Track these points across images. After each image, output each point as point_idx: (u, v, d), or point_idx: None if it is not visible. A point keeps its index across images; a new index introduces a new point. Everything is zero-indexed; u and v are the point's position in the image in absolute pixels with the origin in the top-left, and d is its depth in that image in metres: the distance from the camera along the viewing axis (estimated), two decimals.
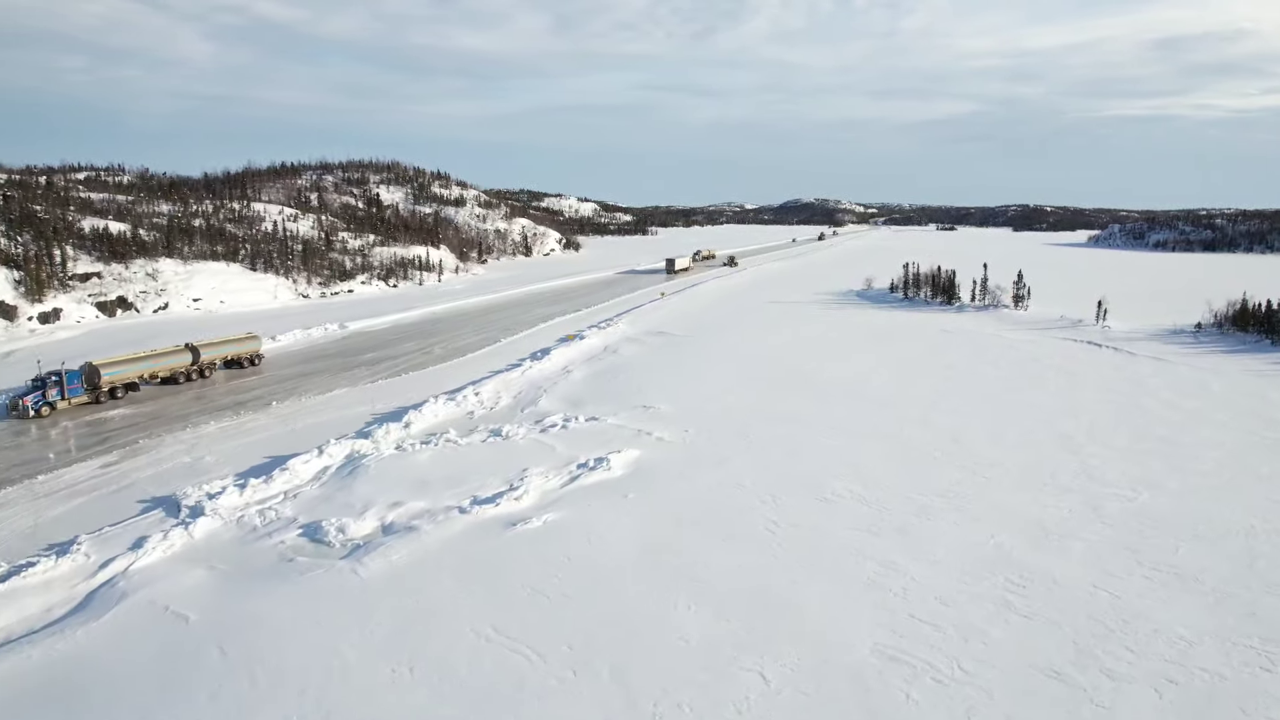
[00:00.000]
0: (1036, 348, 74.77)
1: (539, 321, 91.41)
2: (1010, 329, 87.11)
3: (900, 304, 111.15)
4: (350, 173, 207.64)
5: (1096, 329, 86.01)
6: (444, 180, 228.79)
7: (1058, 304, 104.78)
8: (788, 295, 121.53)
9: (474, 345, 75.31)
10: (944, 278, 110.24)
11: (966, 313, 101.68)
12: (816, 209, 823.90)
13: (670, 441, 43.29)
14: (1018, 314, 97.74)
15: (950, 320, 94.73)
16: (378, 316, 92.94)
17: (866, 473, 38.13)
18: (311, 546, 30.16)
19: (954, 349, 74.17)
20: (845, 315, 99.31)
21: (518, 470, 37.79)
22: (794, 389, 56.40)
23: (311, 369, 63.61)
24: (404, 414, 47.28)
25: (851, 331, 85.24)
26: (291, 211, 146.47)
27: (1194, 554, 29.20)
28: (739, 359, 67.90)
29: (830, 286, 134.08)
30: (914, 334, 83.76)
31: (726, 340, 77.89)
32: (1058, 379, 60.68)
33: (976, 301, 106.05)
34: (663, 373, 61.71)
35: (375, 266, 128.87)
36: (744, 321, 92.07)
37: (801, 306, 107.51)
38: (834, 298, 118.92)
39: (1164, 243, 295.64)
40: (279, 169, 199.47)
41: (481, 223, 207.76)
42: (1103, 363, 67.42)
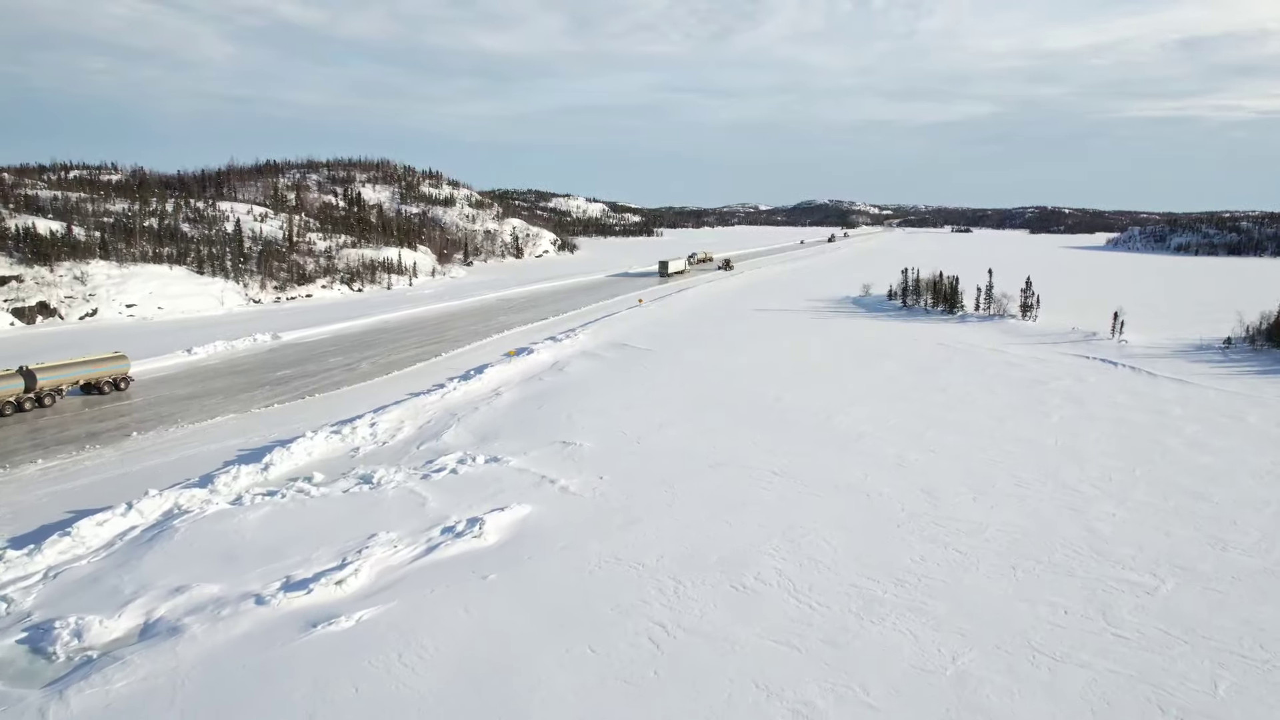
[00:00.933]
0: (1042, 367, 65.91)
1: (496, 331, 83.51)
2: (1015, 343, 78.21)
3: (897, 313, 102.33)
4: (336, 171, 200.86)
5: (1112, 343, 76.99)
6: (435, 179, 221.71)
7: (1070, 313, 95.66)
8: (778, 302, 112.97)
9: (408, 360, 67.45)
10: (946, 284, 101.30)
11: (969, 323, 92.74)
12: (830, 210, 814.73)
13: (575, 493, 35.12)
14: (1025, 325, 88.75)
15: (950, 332, 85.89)
16: (324, 325, 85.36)
17: (808, 545, 29.77)
18: (24, 661, 22.24)
19: (948, 369, 65.45)
20: (834, 326, 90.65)
21: (363, 536, 29.77)
22: (751, 420, 48.05)
23: (208, 389, 55.90)
24: (270, 452, 39.41)
25: (837, 347, 76.62)
26: (262, 211, 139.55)
27: (1239, 695, 20.67)
28: (698, 380, 59.60)
29: (826, 292, 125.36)
30: (906, 349, 75.06)
31: (692, 356, 69.58)
32: (1064, 408, 51.89)
33: (980, 311, 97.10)
34: (604, 397, 53.53)
35: (340, 270, 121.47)
36: (721, 333, 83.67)
37: (789, 315, 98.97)
38: (827, 305, 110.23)
39: (1186, 246, 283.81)
40: (262, 167, 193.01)
41: (470, 223, 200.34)
42: (1117, 386, 58.53)
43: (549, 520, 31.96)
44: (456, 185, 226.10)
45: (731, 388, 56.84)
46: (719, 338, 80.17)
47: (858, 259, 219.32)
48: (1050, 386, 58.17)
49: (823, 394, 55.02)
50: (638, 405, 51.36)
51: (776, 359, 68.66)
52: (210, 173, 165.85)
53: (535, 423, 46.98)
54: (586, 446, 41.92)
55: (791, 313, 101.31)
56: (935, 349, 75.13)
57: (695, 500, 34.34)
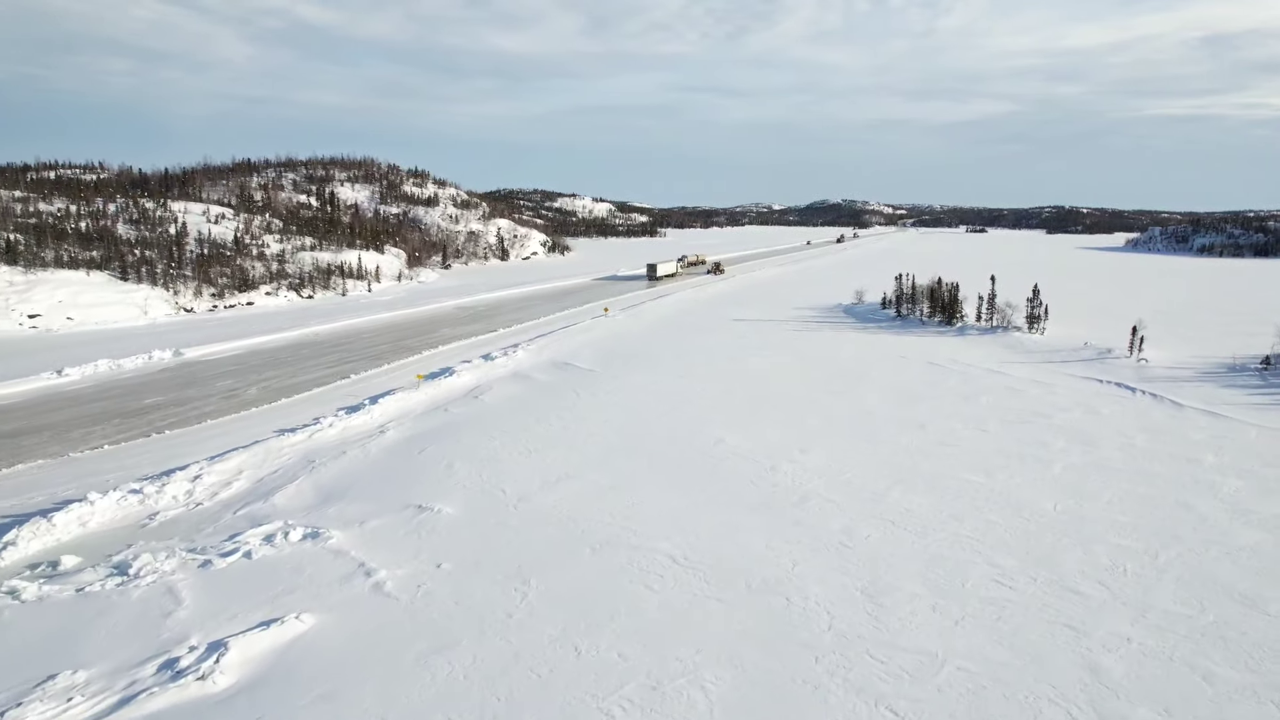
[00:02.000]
0: (1047, 394, 55.99)
1: (431, 346, 74.50)
2: (1018, 362, 68.24)
3: (890, 324, 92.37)
4: (314, 170, 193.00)
5: (1129, 363, 66.89)
6: (421, 178, 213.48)
7: (1083, 325, 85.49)
8: (761, 311, 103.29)
9: (309, 384, 58.52)
10: (945, 292, 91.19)
11: (968, 337, 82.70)
12: (843, 210, 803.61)
13: (390, 594, 25.88)
14: (1031, 339, 78.64)
15: (945, 347, 75.97)
16: (245, 338, 76.66)
17: (673, 703, 20.36)
18: None
19: (935, 397, 55.67)
20: (815, 341, 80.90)
21: (32, 682, 20.68)
22: (676, 472, 38.65)
23: (40, 423, 47.09)
24: (22, 524, 30.44)
25: (810, 368, 66.94)
26: (220, 211, 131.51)
27: None
28: (633, 414, 50.23)
29: (817, 299, 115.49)
30: (890, 371, 65.31)
31: (639, 380, 60.21)
32: (1069, 452, 42.06)
33: (982, 322, 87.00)
34: (507, 437, 44.28)
35: (292, 275, 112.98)
36: (683, 350, 74.20)
37: (768, 327, 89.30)
38: (815, 314, 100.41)
39: (1210, 247, 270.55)
40: (238, 166, 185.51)
41: (453, 224, 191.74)
42: (1136, 421, 48.57)
43: (325, 645, 22.74)
44: (444, 184, 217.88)
45: (669, 424, 47.41)
46: (679, 356, 70.72)
47: (861, 261, 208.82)
48: (1054, 421, 48.29)
49: (776, 433, 45.45)
50: (544, 449, 42.07)
51: (735, 384, 59.14)
52: (176, 172, 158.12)
53: (401, 475, 37.79)
54: (446, 513, 32.70)
55: (771, 324, 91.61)
56: (924, 370, 65.32)
57: (546, 608, 24.99)
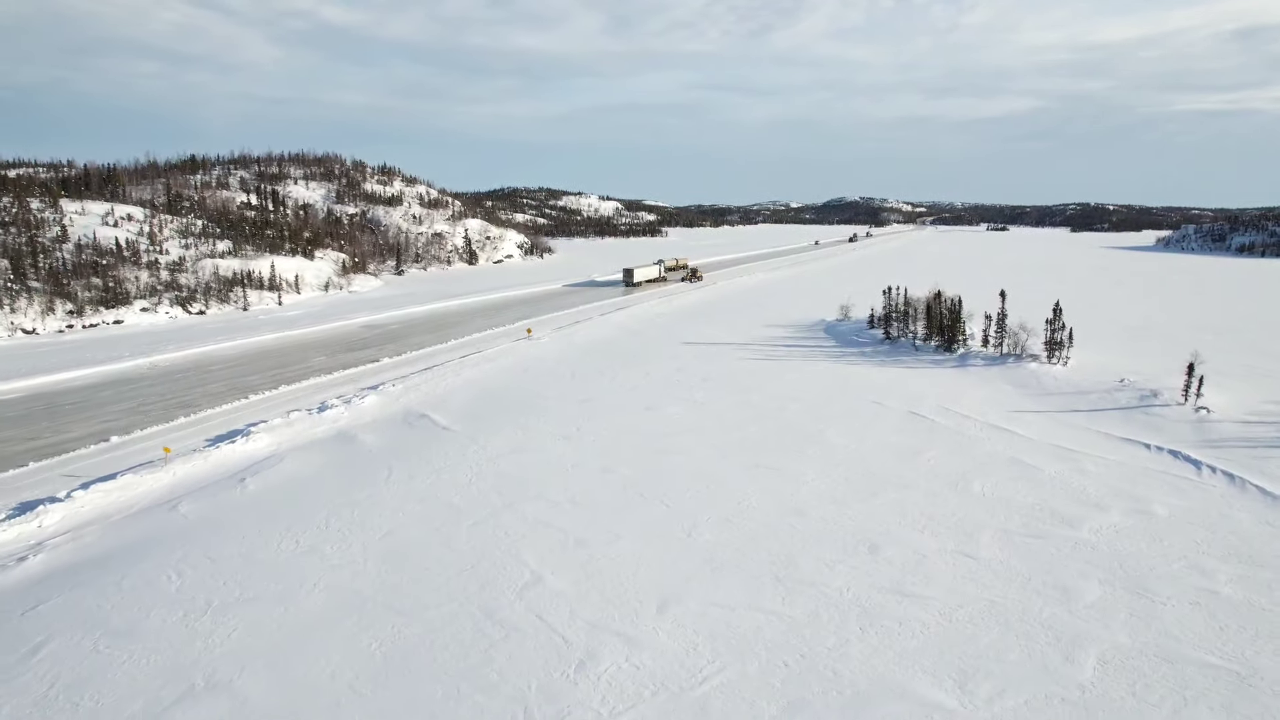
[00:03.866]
0: (1073, 473, 38.51)
1: (274, 386, 58.21)
2: (1032, 411, 50.70)
3: (876, 349, 74.80)
4: (268, 167, 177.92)
5: (1185, 411, 49.22)
6: (388, 175, 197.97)
7: (1117, 348, 67.69)
8: (726, 329, 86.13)
9: (25, 454, 42.36)
10: (943, 308, 73.27)
11: (970, 370, 65.08)
12: (861, 208, 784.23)
13: None
14: (1051, 373, 60.93)
15: (937, 386, 58.49)
16: (38, 375, 60.81)
17: None
18: None
19: (905, 479, 38.34)
20: (773, 374, 63.59)
21: None
22: (429, 652, 21.85)
23: None
24: None
25: (750, 419, 49.76)
26: (128, 212, 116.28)
27: None
28: (444, 517, 33.45)
29: (799, 313, 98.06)
30: (856, 426, 48.00)
31: (495, 446, 43.42)
32: (1111, 613, 24.72)
33: (989, 347, 69.28)
34: (194, 575, 27.71)
35: (185, 286, 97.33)
36: (591, 392, 57.36)
37: (723, 354, 72.15)
38: (787, 335, 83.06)
39: (1250, 247, 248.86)
40: (182, 163, 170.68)
41: (416, 225, 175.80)
42: (1213, 532, 31.06)
43: None
44: (413, 182, 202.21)
45: (477, 542, 30.58)
46: (582, 401, 53.86)
47: (866, 264, 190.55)
48: (1084, 538, 30.87)
49: (629, 571, 28.48)
50: (234, 607, 25.46)
51: (626, 454, 42.15)
52: (95, 168, 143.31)
53: None
54: None
55: (728, 349, 74.42)
56: (902, 425, 47.92)
57: None
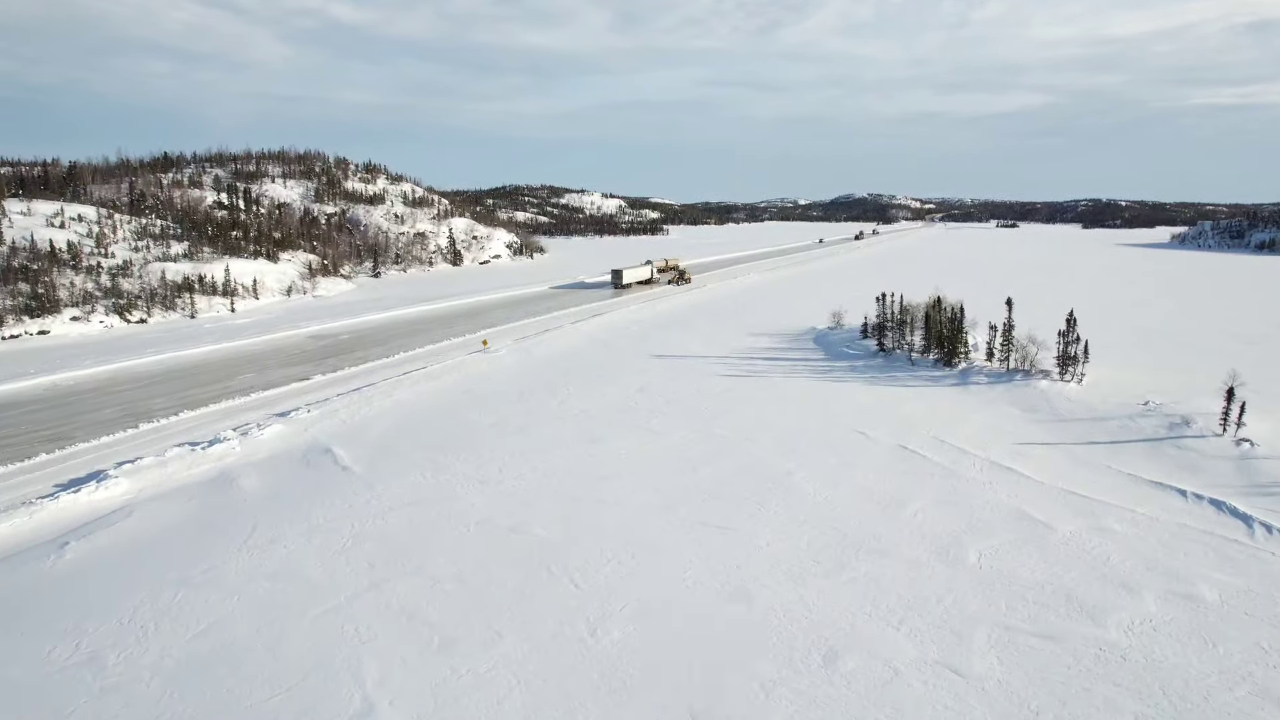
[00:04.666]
0: (1093, 533, 31.12)
1: (176, 411, 51.35)
2: (1042, 444, 43.26)
3: (868, 362, 67.40)
4: (245, 165, 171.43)
5: (1224, 444, 41.77)
6: (371, 173, 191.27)
7: (1139, 361, 60.23)
8: (706, 340, 78.89)
9: None
10: (943, 317, 65.70)
11: (972, 388, 57.63)
12: (869, 205, 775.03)
13: None
14: (1064, 394, 53.44)
15: (934, 408, 51.07)
16: None
17: None
18: None
19: (884, 541, 31.01)
20: (747, 395, 56.29)
21: None
22: None
23: None
24: None
25: (709, 456, 42.52)
26: (79, 212, 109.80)
27: None
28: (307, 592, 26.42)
29: (789, 319, 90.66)
30: (832, 464, 40.68)
31: (393, 495, 36.40)
32: None
33: (994, 362, 61.81)
34: None
35: (129, 292, 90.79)
36: (535, 419, 50.25)
37: (697, 369, 64.94)
38: (772, 345, 75.74)
39: (1271, 244, 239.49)
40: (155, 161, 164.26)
41: (398, 224, 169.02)
42: (1272, 622, 23.68)
43: None
44: (398, 180, 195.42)
45: (329, 637, 23.52)
46: (520, 431, 46.76)
47: (869, 264, 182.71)
48: (1114, 630, 23.48)
49: (519, 674, 21.32)
50: None
51: (557, 505, 34.99)
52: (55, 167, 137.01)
53: None
54: None
55: (704, 363, 67.18)
56: (888, 464, 40.56)
57: None
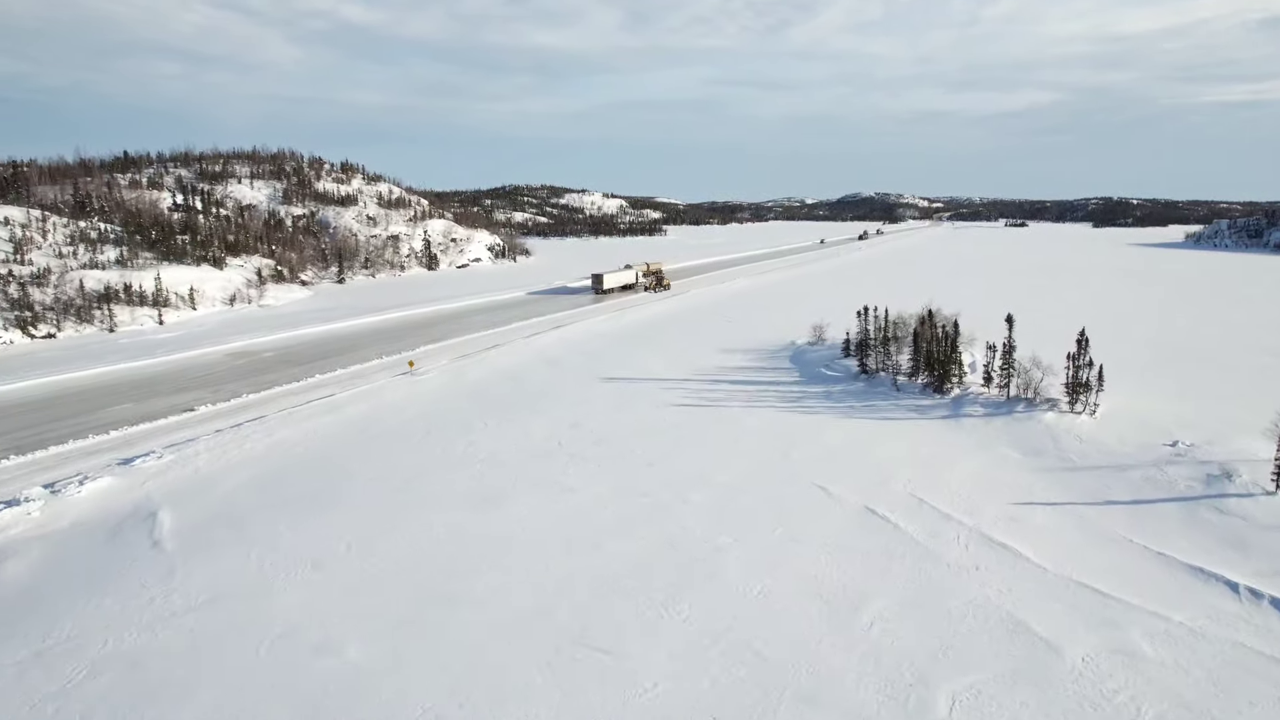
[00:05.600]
0: (1111, 652, 22.07)
1: None
2: (1046, 502, 34.14)
3: (847, 387, 58.33)
4: (212, 165, 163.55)
5: (1278, 507, 32.60)
6: (347, 173, 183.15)
7: (1159, 385, 51.03)
8: (666, 358, 70.04)
9: None
10: (935, 335, 56.46)
11: (966, 419, 48.52)
12: (876, 204, 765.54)
13: None
14: (1075, 430, 44.30)
15: (917, 450, 42.02)
16: None
17: None
18: None
19: (832, 654, 22.00)
20: (697, 432, 47.35)
21: None
22: None
23: None
24: None
25: (623, 528, 33.65)
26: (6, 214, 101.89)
27: None
28: None
29: (766, 333, 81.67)
30: (784, 533, 31.71)
31: (222, 573, 27.69)
32: None
33: (993, 389, 52.66)
34: None
35: (39, 303, 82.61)
36: (430, 465, 41.53)
37: (651, 395, 56.09)
38: (743, 365, 66.81)
39: None
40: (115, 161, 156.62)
41: (370, 227, 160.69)
42: None
43: None
44: (376, 180, 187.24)
45: None
46: (404, 486, 38.03)
47: (868, 266, 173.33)
48: None
49: None
50: None
51: (392, 607, 26.22)
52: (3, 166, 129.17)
53: None
54: None
55: (660, 387, 58.33)
56: (850, 534, 31.55)
57: None
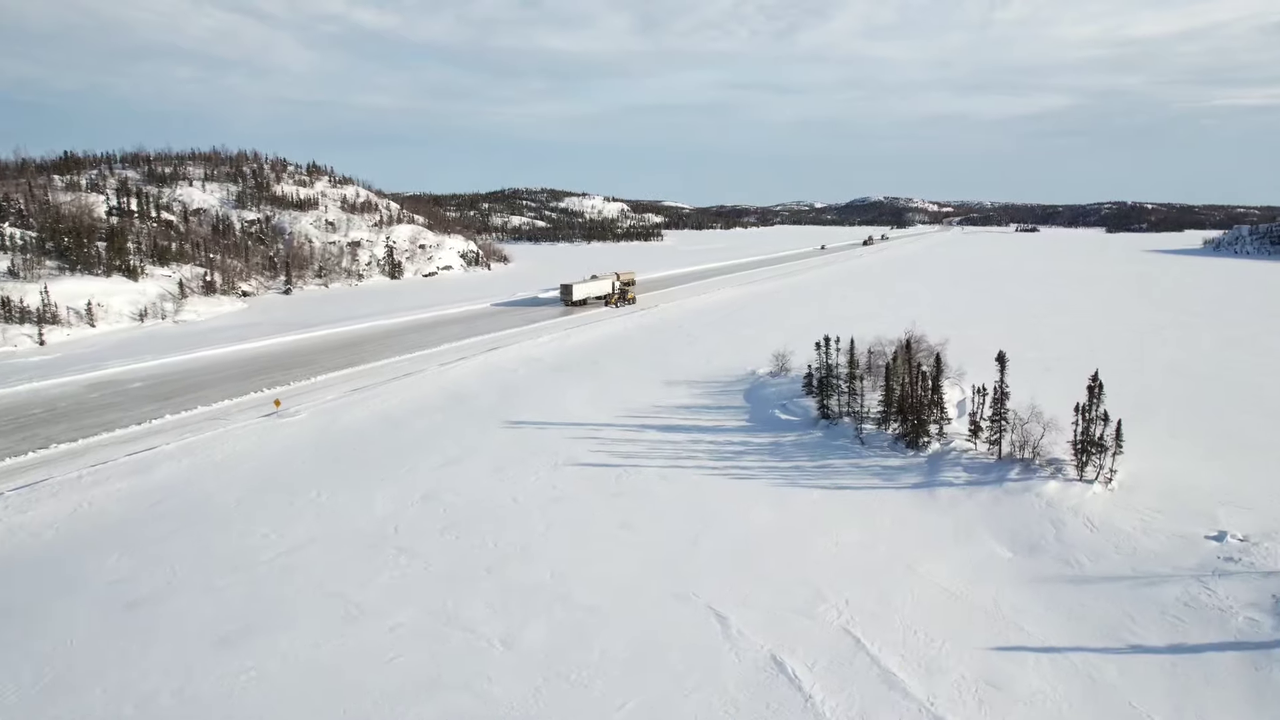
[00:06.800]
0: None
1: None
2: (1042, 647, 22.79)
3: (800, 436, 47.06)
4: (163, 167, 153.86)
5: None
6: (312, 174, 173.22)
7: (1192, 444, 39.54)
8: (597, 393, 59.13)
9: None
10: (910, 370, 45.12)
11: (942, 490, 37.20)
12: (885, 208, 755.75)
13: None
14: (1084, 510, 33.00)
15: (872, 542, 30.85)
16: None
17: None
18: None
19: None
20: (586, 509, 36.25)
21: None
22: None
23: None
24: None
25: (379, 703, 22.56)
26: None
27: None
28: None
29: (725, 359, 70.59)
30: (623, 715, 20.61)
31: None
32: None
33: (980, 443, 41.33)
34: None
35: None
36: (184, 572, 30.62)
37: (549, 448, 45.09)
38: (682, 403, 55.69)
39: None
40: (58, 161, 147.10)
41: (330, 232, 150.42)
42: None
43: None
44: (345, 183, 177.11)
45: None
46: (133, 605, 27.18)
47: (867, 275, 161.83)
48: None
49: None
50: None
51: None
52: None
53: None
54: None
55: (573, 436, 47.28)
56: (739, 714, 20.48)
57: None
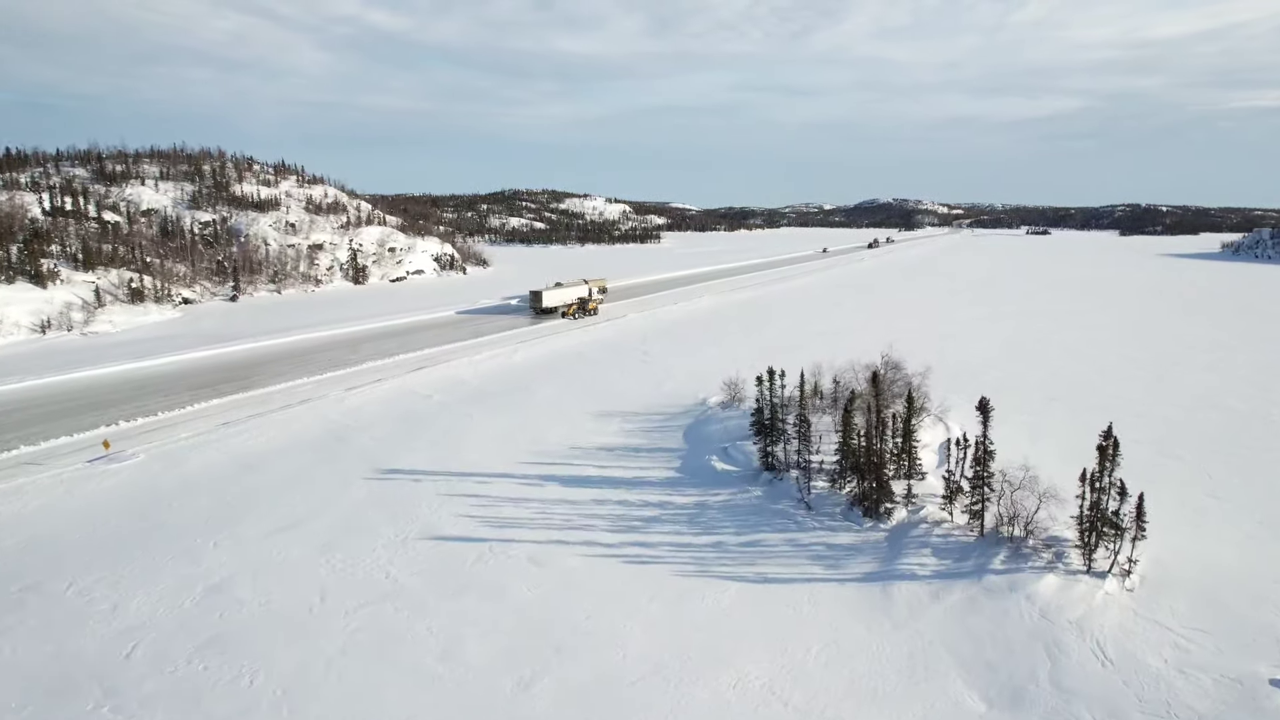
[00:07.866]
0: None
1: None
2: None
3: (734, 495, 37.59)
4: (116, 164, 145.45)
5: None
6: (278, 174, 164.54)
7: (1236, 515, 29.56)
8: (506, 432, 49.79)
9: None
10: (876, 417, 35.68)
11: (903, 586, 27.56)
12: (894, 210, 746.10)
13: None
14: (1094, 629, 23.42)
15: (791, 680, 21.45)
16: None
17: None
18: None
19: None
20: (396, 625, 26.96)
21: None
22: None
23: None
24: None
25: None
26: None
27: None
28: None
29: (678, 383, 61.17)
30: None
31: None
32: None
33: (958, 514, 31.81)
34: None
35: None
36: None
37: (407, 512, 35.73)
38: (604, 448, 46.26)
39: None
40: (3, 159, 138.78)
41: (291, 234, 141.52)
42: None
43: None
44: (315, 182, 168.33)
45: None
46: None
47: (863, 281, 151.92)
48: None
49: None
50: None
51: None
52: None
53: None
54: None
55: (450, 493, 37.92)
56: None
57: None
